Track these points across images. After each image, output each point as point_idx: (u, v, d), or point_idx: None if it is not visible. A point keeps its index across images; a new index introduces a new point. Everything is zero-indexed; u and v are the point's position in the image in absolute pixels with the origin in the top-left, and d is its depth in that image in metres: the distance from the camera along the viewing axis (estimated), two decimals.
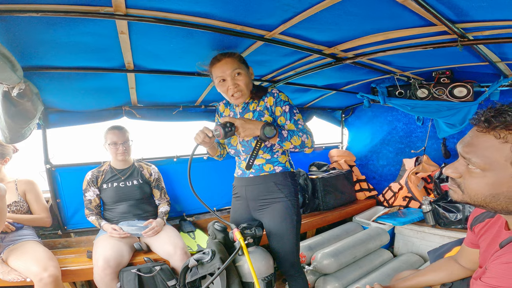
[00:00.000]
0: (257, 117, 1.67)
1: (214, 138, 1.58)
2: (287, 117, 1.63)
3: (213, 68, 1.62)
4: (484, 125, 0.80)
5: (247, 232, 1.57)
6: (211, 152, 1.83)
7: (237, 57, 1.61)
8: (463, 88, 2.66)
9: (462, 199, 0.87)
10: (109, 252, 1.93)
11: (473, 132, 0.84)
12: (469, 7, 1.29)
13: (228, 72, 1.57)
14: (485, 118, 0.80)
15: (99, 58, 1.70)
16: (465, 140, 0.86)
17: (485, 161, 0.79)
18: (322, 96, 3.34)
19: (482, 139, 0.80)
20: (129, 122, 2.58)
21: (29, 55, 1.52)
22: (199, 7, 1.30)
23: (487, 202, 0.82)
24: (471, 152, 0.82)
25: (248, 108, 1.72)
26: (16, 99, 1.54)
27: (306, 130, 1.62)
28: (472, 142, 0.83)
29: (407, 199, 3.31)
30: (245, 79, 1.60)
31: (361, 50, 1.95)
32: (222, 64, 1.58)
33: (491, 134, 0.79)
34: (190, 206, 2.91)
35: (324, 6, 1.30)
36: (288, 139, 1.56)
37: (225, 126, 1.51)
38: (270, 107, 1.66)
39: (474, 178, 0.83)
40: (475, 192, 0.83)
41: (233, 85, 1.59)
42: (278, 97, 1.65)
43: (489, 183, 0.80)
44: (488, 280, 0.83)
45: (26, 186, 2.20)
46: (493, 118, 0.78)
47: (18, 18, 1.18)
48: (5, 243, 1.92)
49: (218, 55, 1.62)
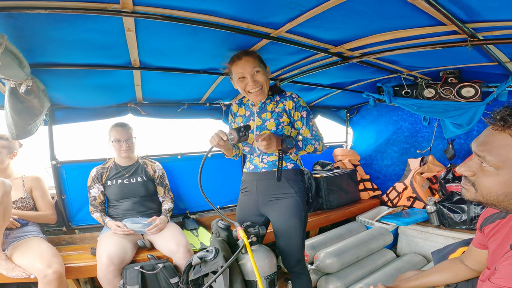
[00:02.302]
0: (275, 118, 1.73)
1: (227, 142, 1.61)
2: (304, 122, 1.76)
3: (233, 65, 1.70)
4: (500, 124, 0.80)
5: (251, 230, 1.58)
6: (226, 153, 1.87)
7: (257, 57, 1.70)
8: (471, 88, 2.63)
9: (475, 197, 0.88)
10: (112, 249, 1.94)
11: (488, 131, 0.85)
12: (481, 7, 1.27)
13: (249, 70, 1.66)
14: (501, 116, 0.80)
15: (106, 55, 1.70)
16: (480, 138, 0.86)
17: (500, 159, 0.80)
18: (327, 95, 3.33)
19: (498, 138, 0.81)
20: (134, 119, 2.59)
21: (37, 52, 1.53)
22: (206, 4, 1.30)
23: (500, 201, 0.83)
24: (485, 150, 0.82)
25: (266, 108, 1.77)
26: (23, 96, 1.55)
27: (318, 136, 1.77)
28: (487, 141, 0.83)
29: (411, 199, 3.30)
30: (264, 77, 1.70)
31: (368, 49, 1.94)
32: (243, 62, 1.66)
33: (506, 132, 0.79)
34: (194, 204, 2.92)
35: (332, 4, 1.29)
36: (303, 148, 1.70)
37: (239, 131, 1.57)
38: (289, 110, 1.74)
39: (488, 177, 0.83)
40: (488, 190, 0.84)
41: (253, 82, 1.68)
42: (297, 102, 1.75)
43: (502, 182, 0.81)
44: (497, 280, 0.83)
45: (33, 183, 2.21)
46: (509, 116, 0.79)
47: (26, 15, 1.19)
48: (9, 239, 1.92)
49: (239, 53, 1.70)
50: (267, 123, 1.73)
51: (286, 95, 1.76)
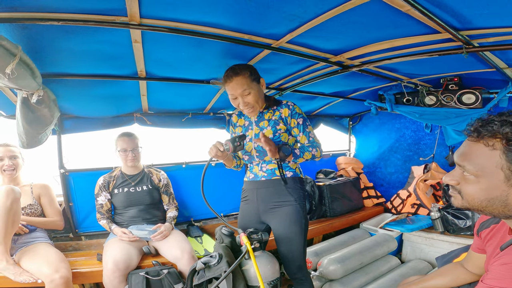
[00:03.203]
0: (272, 125, 1.76)
1: (225, 152, 1.66)
2: (301, 129, 1.77)
3: (226, 85, 1.72)
4: (474, 135, 0.86)
5: (254, 236, 1.59)
6: (227, 164, 1.91)
7: (247, 75, 1.67)
8: (472, 95, 2.66)
9: (462, 204, 0.92)
10: (118, 255, 1.96)
11: (466, 142, 0.90)
12: (472, 15, 1.31)
13: (239, 92, 1.67)
14: (474, 128, 0.86)
15: (113, 65, 1.77)
16: (460, 149, 0.91)
17: (477, 168, 0.84)
18: (329, 104, 3.37)
19: (474, 148, 0.86)
20: (140, 128, 2.65)
21: (48, 62, 1.59)
22: (209, 17, 1.36)
23: (483, 207, 0.87)
24: (465, 160, 0.87)
25: (263, 117, 1.80)
26: (35, 106, 1.61)
27: (316, 143, 1.78)
28: (466, 151, 0.88)
29: (415, 206, 3.29)
30: (255, 97, 1.70)
31: (367, 58, 1.98)
32: (233, 84, 1.67)
33: (481, 142, 0.84)
34: (198, 212, 2.94)
35: (329, 16, 1.35)
36: (301, 155, 1.72)
37: (234, 141, 1.63)
38: (285, 118, 1.76)
39: (470, 185, 0.88)
40: (472, 197, 0.88)
41: (243, 103, 1.70)
42: (293, 109, 1.76)
43: (483, 188, 0.85)
44: (489, 281, 0.86)
45: (41, 190, 2.27)
46: (481, 128, 0.84)
47: (39, 26, 1.25)
48: (18, 245, 1.96)
49: (230, 73, 1.67)
50: (265, 131, 1.76)
51: (282, 103, 1.79)
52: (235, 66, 1.70)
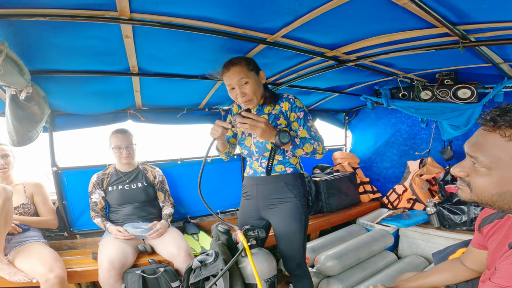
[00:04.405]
0: (272, 120, 1.71)
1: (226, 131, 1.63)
2: (301, 123, 1.69)
3: (223, 76, 1.67)
4: (490, 124, 0.81)
5: (250, 234, 1.58)
6: (221, 148, 1.84)
7: (245, 65, 1.63)
8: (467, 90, 2.66)
9: (470, 197, 0.88)
10: (114, 254, 1.95)
11: (479, 132, 0.85)
12: (469, 9, 1.29)
13: (235, 81, 1.62)
14: (491, 117, 0.81)
15: (105, 61, 1.73)
16: (472, 139, 0.87)
17: (491, 159, 0.80)
18: (325, 99, 3.35)
19: (488, 138, 0.81)
20: (134, 125, 2.62)
21: (37, 59, 1.55)
22: (202, 11, 1.32)
23: (494, 201, 0.83)
24: (477, 151, 0.83)
25: (263, 111, 1.76)
26: (24, 103, 1.58)
27: (317, 137, 1.69)
28: (479, 141, 0.84)
29: (411, 201, 3.30)
30: (253, 87, 1.64)
31: (363, 53, 1.96)
32: (230, 73, 1.62)
33: (496, 133, 0.80)
34: (194, 208, 2.93)
35: (325, 9, 1.32)
36: (300, 146, 1.62)
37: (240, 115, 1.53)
38: (286, 112, 1.71)
39: (481, 177, 0.84)
40: (482, 190, 0.84)
41: (241, 93, 1.64)
42: (293, 103, 1.70)
43: (494, 182, 0.81)
44: (498, 280, 0.83)
45: (34, 189, 2.24)
46: (498, 117, 0.79)
47: (26, 22, 1.21)
48: (11, 244, 1.94)
49: (227, 63, 1.65)
50: None
51: (282, 96, 1.73)
52: (233, 58, 1.67)
